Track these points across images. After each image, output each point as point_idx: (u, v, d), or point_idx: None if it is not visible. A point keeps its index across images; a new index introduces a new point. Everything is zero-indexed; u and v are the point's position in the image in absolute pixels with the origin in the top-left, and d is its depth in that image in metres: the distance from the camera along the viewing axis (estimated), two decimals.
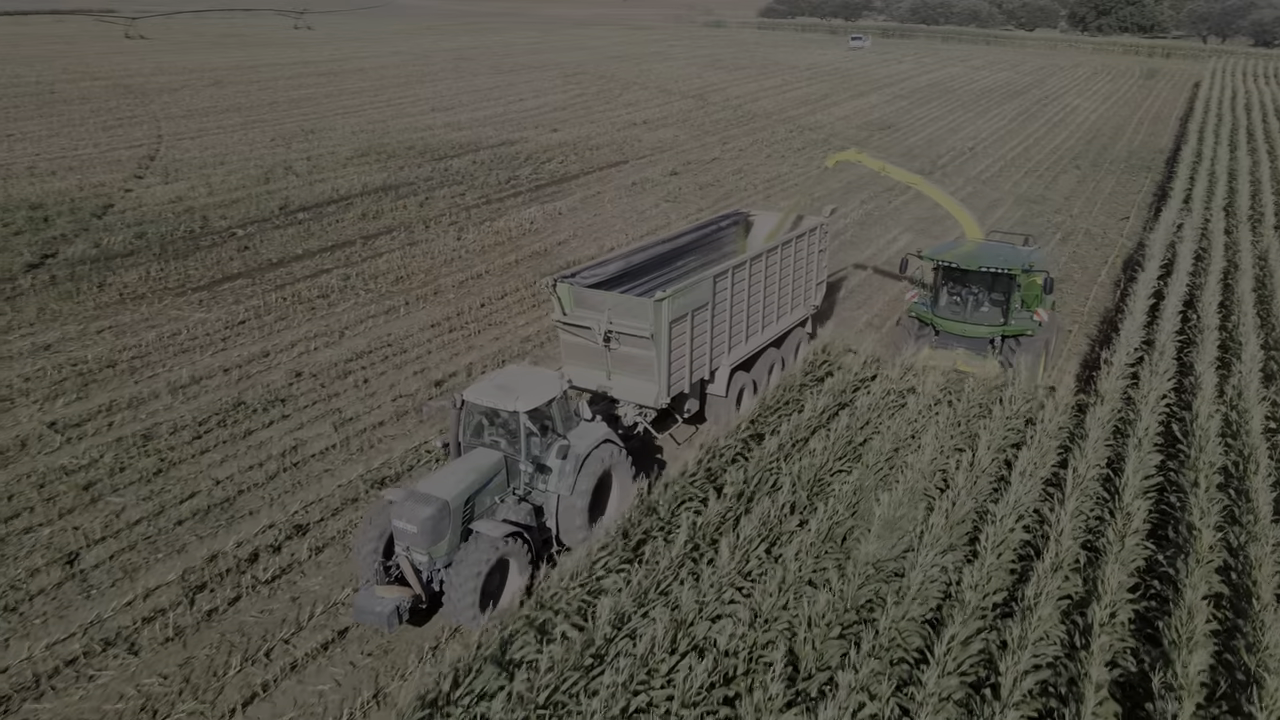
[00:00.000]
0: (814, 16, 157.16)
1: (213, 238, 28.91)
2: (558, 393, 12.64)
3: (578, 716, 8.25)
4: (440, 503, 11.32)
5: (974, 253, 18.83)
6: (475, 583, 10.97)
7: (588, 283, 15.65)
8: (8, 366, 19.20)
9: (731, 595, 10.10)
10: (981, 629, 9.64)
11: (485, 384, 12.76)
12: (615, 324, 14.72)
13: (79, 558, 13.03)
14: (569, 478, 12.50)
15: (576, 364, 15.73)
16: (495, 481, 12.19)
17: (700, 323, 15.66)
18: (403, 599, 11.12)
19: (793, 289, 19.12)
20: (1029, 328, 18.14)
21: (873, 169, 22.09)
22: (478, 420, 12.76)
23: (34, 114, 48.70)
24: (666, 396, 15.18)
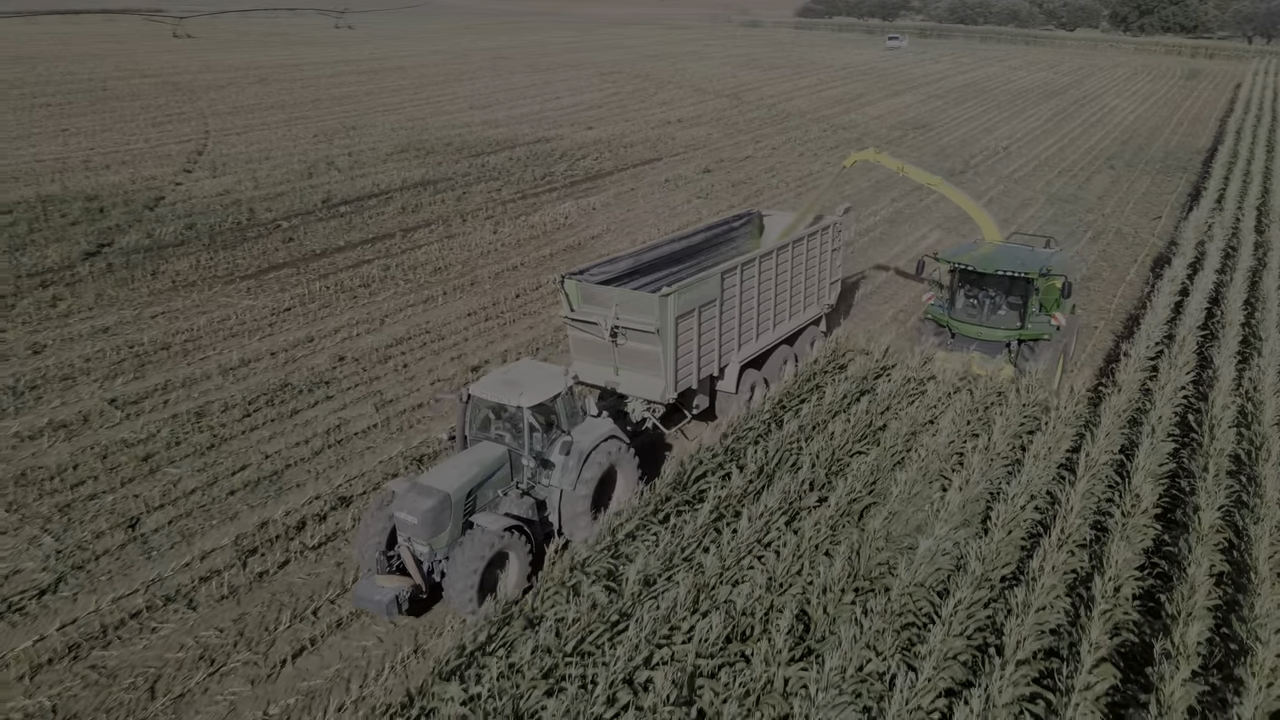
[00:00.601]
0: (851, 16, 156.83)
1: (259, 229, 29.95)
2: (562, 388, 12.71)
3: (603, 665, 8.87)
4: (442, 495, 11.45)
5: (991, 255, 18.65)
6: (474, 574, 11.06)
7: (596, 280, 15.78)
8: (70, 347, 20.25)
9: (750, 562, 10.68)
10: (990, 599, 10.14)
11: (492, 379, 12.86)
12: (622, 319, 14.75)
13: (140, 522, 13.91)
14: (572, 473, 12.55)
15: (585, 360, 15.83)
16: (499, 475, 12.32)
17: (708, 319, 15.68)
18: (402, 588, 11.31)
19: (805, 287, 19.08)
20: (1046, 332, 17.88)
21: (891, 169, 22.11)
22: (485, 414, 12.90)
23: (87, 110, 50.30)
24: (673, 392, 15.21)
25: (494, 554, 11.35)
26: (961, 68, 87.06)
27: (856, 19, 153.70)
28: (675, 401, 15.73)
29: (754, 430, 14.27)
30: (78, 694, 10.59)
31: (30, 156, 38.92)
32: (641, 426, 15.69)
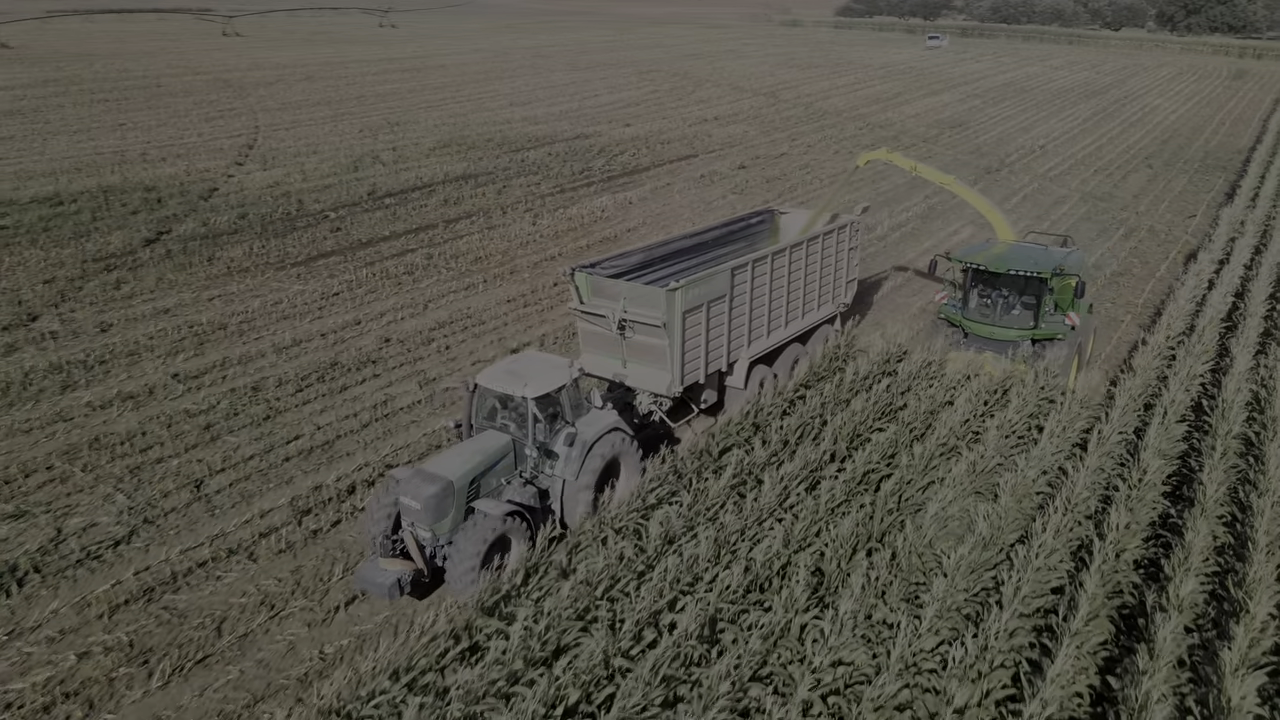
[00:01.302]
0: (892, 16, 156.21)
1: (308, 219, 31.12)
2: (567, 380, 12.84)
3: (630, 609, 9.65)
4: (445, 482, 11.68)
5: (1004, 255, 18.44)
6: (475, 559, 11.26)
7: (607, 273, 15.83)
8: (134, 327, 21.45)
9: (770, 524, 11.40)
10: (996, 560, 10.76)
11: (498, 369, 13.11)
12: (630, 313, 14.83)
13: (204, 484, 14.95)
14: (575, 463, 12.70)
15: (594, 352, 15.91)
16: (502, 464, 12.52)
17: (717, 314, 15.66)
18: (405, 572, 11.56)
19: (820, 286, 19.00)
20: (1059, 332, 17.66)
21: (904, 168, 21.93)
22: (491, 404, 13.12)
23: (143, 106, 52.11)
24: (679, 385, 15.25)
25: (495, 538, 11.55)
26: (1002, 67, 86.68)
27: (897, 18, 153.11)
28: (682, 396, 15.78)
29: (779, 407, 14.95)
30: (152, 631, 11.59)
31: (91, 149, 40.59)
32: (648, 419, 15.84)
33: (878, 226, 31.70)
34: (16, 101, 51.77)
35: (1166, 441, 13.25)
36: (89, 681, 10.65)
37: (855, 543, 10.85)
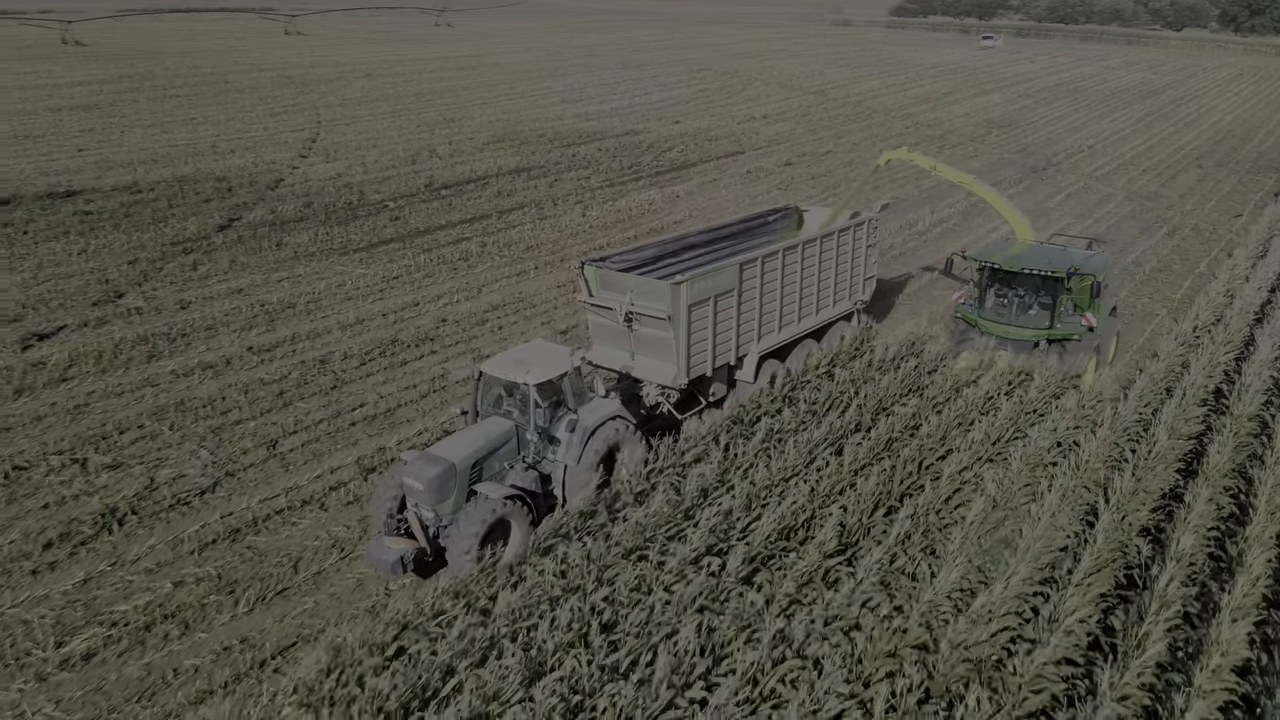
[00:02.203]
0: (946, 15, 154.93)
1: (368, 209, 32.62)
2: (568, 368, 13.18)
3: (670, 554, 10.69)
4: (447, 464, 12.04)
5: (1020, 254, 18.39)
6: (473, 539, 11.61)
7: (617, 267, 16.07)
8: (211, 305, 23.00)
9: (797, 483, 12.33)
10: (1007, 517, 11.57)
11: (503, 358, 13.48)
12: (637, 305, 15.05)
13: (278, 444, 16.28)
14: (576, 449, 13.01)
15: (603, 344, 16.20)
16: (505, 449, 12.85)
17: (725, 308, 15.77)
18: (408, 550, 11.98)
19: (835, 282, 18.93)
20: (1076, 332, 17.58)
21: (924, 167, 21.94)
22: (498, 392, 13.49)
23: (212, 101, 54.36)
24: (685, 378, 15.39)
25: (494, 520, 11.90)
26: (1056, 67, 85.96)
27: (951, 18, 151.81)
28: (689, 388, 15.96)
29: (809, 382, 15.84)
30: (236, 566, 12.89)
31: (165, 142, 42.69)
32: (655, 411, 16.05)
33: (919, 222, 32.29)
34: (94, 96, 54.36)
35: (1182, 421, 13.87)
36: (184, 606, 11.97)
37: (877, 500, 11.72)
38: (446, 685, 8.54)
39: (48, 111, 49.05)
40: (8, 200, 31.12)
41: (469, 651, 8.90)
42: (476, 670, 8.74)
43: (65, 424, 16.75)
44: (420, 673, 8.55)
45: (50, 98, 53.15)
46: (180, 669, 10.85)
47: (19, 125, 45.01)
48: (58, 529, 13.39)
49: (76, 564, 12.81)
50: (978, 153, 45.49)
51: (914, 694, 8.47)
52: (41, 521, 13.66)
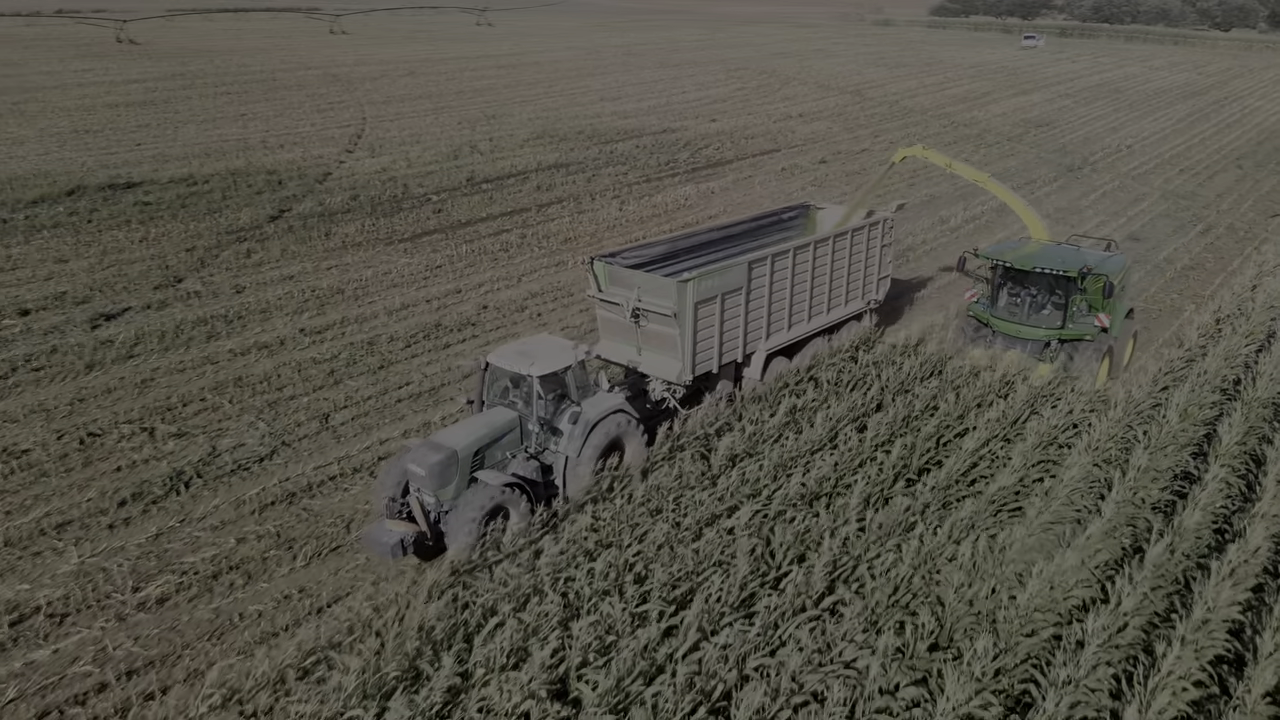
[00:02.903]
0: (988, 15, 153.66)
1: (412, 201, 33.68)
2: (572, 361, 13.40)
3: (701, 507, 11.47)
4: (449, 451, 12.33)
5: (1033, 253, 18.18)
6: (471, 524, 11.88)
7: (626, 263, 16.25)
8: (265, 290, 24.12)
9: (823, 455, 13.00)
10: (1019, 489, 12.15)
11: (509, 350, 13.78)
12: (644, 302, 15.22)
13: (330, 417, 17.26)
14: (577, 441, 13.24)
15: (611, 339, 16.44)
16: (508, 438, 13.12)
17: (732, 306, 15.86)
18: (408, 534, 12.21)
19: (848, 281, 18.93)
20: (1087, 332, 17.42)
21: (939, 165, 21.86)
22: (504, 383, 13.79)
23: (261, 98, 55.95)
24: (690, 374, 15.53)
25: (492, 506, 12.17)
26: (1099, 67, 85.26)
27: (994, 18, 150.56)
28: (694, 385, 16.05)
29: (834, 365, 16.49)
30: (293, 525, 13.84)
31: (217, 137, 44.19)
32: (661, 406, 16.25)
33: (951, 219, 32.68)
34: (149, 93, 56.21)
35: (1196, 407, 14.31)
36: (246, 559, 12.93)
37: (897, 472, 12.37)
38: (489, 623, 9.35)
39: (106, 107, 50.88)
40: (72, 191, 32.60)
41: (512, 595, 9.71)
42: (518, 613, 9.54)
43: (133, 396, 17.88)
44: (465, 611, 9.37)
45: (107, 94, 55.05)
46: (245, 613, 11.80)
47: (79, 120, 46.81)
48: (130, 489, 14.46)
49: (149, 520, 13.85)
50: (1013, 152, 45.61)
51: (925, 640, 9.13)
52: (115, 482, 14.73)
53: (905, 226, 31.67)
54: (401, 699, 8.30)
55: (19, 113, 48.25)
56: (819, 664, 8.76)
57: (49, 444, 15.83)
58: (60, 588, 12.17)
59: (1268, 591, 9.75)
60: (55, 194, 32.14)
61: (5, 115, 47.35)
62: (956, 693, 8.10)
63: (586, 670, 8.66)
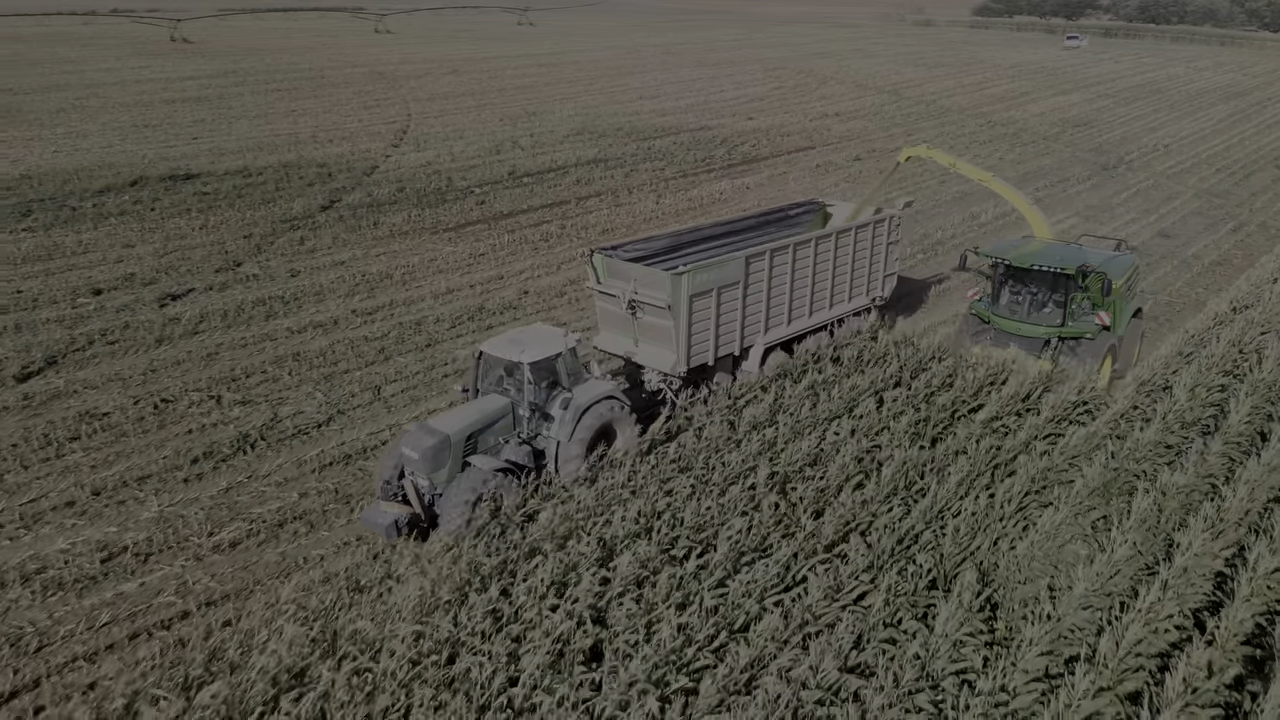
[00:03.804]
0: (1032, 15, 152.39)
1: (456, 194, 34.93)
2: (563, 349, 13.76)
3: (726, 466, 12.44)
4: (443, 436, 12.66)
5: (1033, 252, 18.07)
6: (462, 506, 12.18)
7: (628, 256, 16.48)
8: (318, 274, 25.43)
9: (840, 424, 13.89)
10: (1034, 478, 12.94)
11: (502, 338, 14.18)
12: (640, 294, 15.48)
13: (381, 389, 18.43)
14: (568, 426, 13.55)
15: (609, 330, 16.78)
16: (501, 424, 13.46)
17: (729, 300, 16.02)
18: (402, 515, 12.62)
19: (851, 278, 18.95)
20: (1088, 330, 17.28)
21: (943, 164, 21.75)
22: (499, 372, 14.11)
23: (310, 95, 57.74)
24: (684, 365, 15.75)
25: (483, 490, 12.46)
26: (1142, 68, 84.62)
27: (1037, 18, 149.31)
28: (690, 376, 16.25)
29: (855, 345, 17.32)
30: (350, 482, 15.00)
31: (269, 132, 45.88)
32: (657, 396, 16.53)
33: (982, 214, 33.21)
34: (203, 90, 58.24)
35: (1204, 390, 14.94)
36: (308, 511, 14.10)
37: (912, 437, 13.23)
38: (532, 561, 10.38)
39: (163, 103, 52.91)
40: (135, 181, 34.29)
41: (552, 536, 10.74)
42: (557, 552, 10.57)
43: (200, 368, 19.20)
44: (512, 549, 10.42)
45: (164, 91, 57.17)
46: (309, 556, 12.95)
47: (139, 116, 48.80)
48: (201, 449, 15.73)
49: (219, 476, 15.09)
50: (1048, 150, 45.88)
51: (924, 578, 10.01)
52: (188, 443, 16.01)
53: (935, 221, 32.36)
54: (448, 617, 9.36)
55: (81, 108, 50.39)
56: (832, 598, 9.66)
57: (127, 408, 17.17)
58: (143, 531, 13.42)
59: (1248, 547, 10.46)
60: (120, 184, 33.84)
61: (69, 110, 49.50)
62: (948, 621, 8.97)
63: (623, 599, 9.65)
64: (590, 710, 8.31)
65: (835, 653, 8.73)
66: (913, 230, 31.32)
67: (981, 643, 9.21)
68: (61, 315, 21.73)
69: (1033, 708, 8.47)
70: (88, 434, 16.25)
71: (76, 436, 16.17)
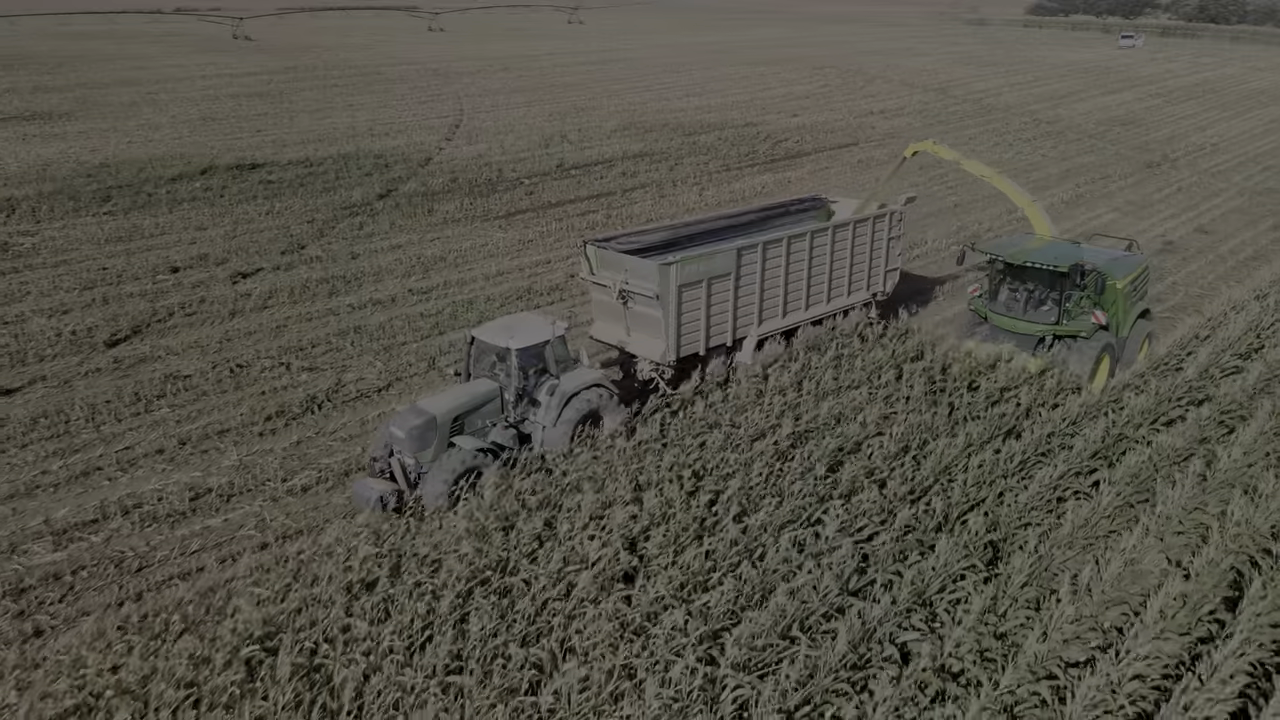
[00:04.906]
0: (1088, 14, 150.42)
1: (506, 184, 36.34)
2: (550, 336, 14.15)
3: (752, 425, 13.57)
4: (429, 417, 13.12)
5: (1029, 249, 17.87)
6: (444, 485, 12.59)
7: (623, 248, 16.78)
8: (377, 256, 26.95)
9: (864, 392, 14.93)
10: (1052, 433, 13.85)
11: (493, 325, 14.67)
12: (631, 284, 15.76)
13: (435, 360, 19.79)
14: (553, 411, 13.97)
15: (603, 320, 17.19)
16: (488, 407, 13.84)
17: (720, 291, 16.20)
18: (387, 491, 13.07)
19: (850, 272, 18.96)
20: (1083, 329, 17.13)
21: (948, 160, 21.79)
22: (490, 357, 14.48)
23: (366, 90, 59.71)
24: (673, 355, 16.00)
25: (464, 470, 12.87)
26: (1197, 67, 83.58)
27: (1093, 17, 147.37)
28: (681, 366, 16.45)
29: (873, 323, 18.28)
30: None
31: (329, 126, 47.76)
32: (649, 385, 16.80)
33: (1017, 209, 33.68)
34: (265, 85, 60.55)
35: (1217, 370, 15.66)
36: None
37: (928, 402, 14.23)
38: (573, 498, 11.58)
39: (228, 98, 55.21)
40: (205, 170, 36.23)
41: (592, 477, 11.94)
42: (597, 491, 11.75)
43: (270, 338, 20.75)
44: (555, 486, 11.64)
45: (229, 86, 59.56)
46: None
47: (206, 109, 51.08)
48: (274, 408, 17.22)
49: (290, 431, 16.55)
50: (1092, 148, 46.02)
51: (934, 518, 11.03)
52: (261, 403, 17.51)
53: (973, 215, 33.01)
54: (499, 538, 10.63)
55: (152, 102, 52.85)
56: (848, 532, 10.75)
57: (206, 372, 18.75)
58: (225, 476, 14.89)
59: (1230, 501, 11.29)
60: (191, 172, 35.80)
61: (141, 104, 51.96)
62: (947, 552, 9.97)
63: (650, 531, 10.79)
64: (623, 621, 9.45)
65: (836, 575, 9.80)
66: (949, 223, 32.05)
67: (980, 578, 10.18)
68: (144, 290, 23.50)
69: (1021, 633, 9.42)
70: (172, 393, 17.84)
71: (162, 394, 17.78)
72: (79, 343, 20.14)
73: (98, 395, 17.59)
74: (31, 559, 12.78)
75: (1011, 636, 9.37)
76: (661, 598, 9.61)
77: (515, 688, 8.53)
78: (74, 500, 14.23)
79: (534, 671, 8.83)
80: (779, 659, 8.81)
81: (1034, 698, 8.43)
